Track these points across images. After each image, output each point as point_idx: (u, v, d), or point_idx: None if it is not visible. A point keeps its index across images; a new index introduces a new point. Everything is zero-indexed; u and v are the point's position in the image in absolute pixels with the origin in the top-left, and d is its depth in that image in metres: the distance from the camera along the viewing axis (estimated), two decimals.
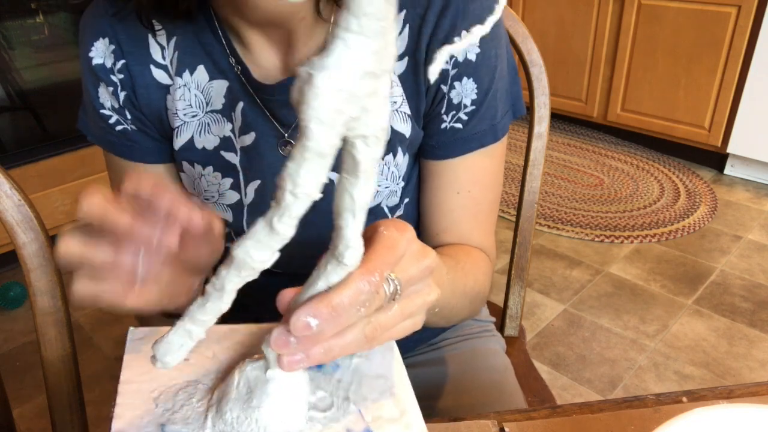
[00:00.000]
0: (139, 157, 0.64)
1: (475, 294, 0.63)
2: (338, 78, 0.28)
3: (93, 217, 0.36)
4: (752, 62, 2.37)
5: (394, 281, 0.37)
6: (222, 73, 0.60)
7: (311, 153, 0.30)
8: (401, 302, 0.38)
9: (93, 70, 0.61)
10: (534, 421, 0.49)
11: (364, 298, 0.35)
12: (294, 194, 0.31)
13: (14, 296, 1.90)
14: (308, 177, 0.31)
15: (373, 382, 0.45)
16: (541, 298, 1.93)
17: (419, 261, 0.39)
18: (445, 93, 0.60)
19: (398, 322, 0.39)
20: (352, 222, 0.34)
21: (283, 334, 0.35)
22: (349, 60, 0.28)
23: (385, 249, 0.36)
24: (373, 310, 0.37)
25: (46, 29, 2.10)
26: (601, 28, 2.77)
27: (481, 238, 0.66)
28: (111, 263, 0.38)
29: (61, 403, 0.72)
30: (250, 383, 0.39)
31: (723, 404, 0.44)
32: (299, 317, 0.34)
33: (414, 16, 0.58)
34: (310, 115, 0.29)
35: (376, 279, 0.35)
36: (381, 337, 0.38)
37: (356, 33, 0.27)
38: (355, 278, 0.35)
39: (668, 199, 2.49)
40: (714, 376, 1.61)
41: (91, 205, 0.36)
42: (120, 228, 0.37)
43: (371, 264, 0.35)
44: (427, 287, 0.41)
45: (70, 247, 0.37)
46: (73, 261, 0.37)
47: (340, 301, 0.34)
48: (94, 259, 0.37)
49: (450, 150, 0.62)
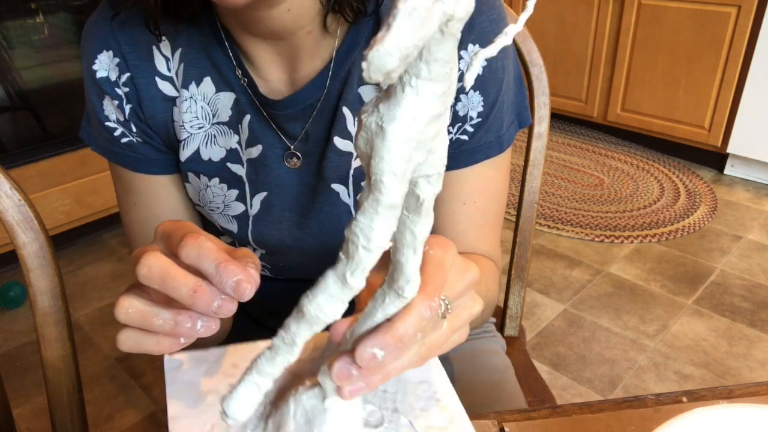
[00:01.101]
0: (145, 168, 0.64)
1: (487, 303, 0.63)
2: (409, 127, 0.27)
3: (154, 281, 0.36)
4: (752, 62, 2.37)
5: (444, 301, 0.37)
6: (228, 85, 0.59)
7: (383, 207, 0.29)
8: (450, 319, 0.39)
9: (97, 83, 0.60)
10: (534, 421, 0.49)
11: (425, 324, 0.35)
12: (367, 249, 0.31)
13: (14, 296, 1.90)
14: (381, 231, 0.30)
15: (417, 388, 0.45)
16: (541, 298, 1.93)
17: (463, 276, 0.39)
18: (452, 105, 0.60)
19: (448, 338, 0.39)
20: (413, 258, 0.33)
21: (345, 367, 0.35)
22: (419, 107, 0.27)
23: (437, 270, 0.36)
24: (428, 333, 0.37)
25: (46, 29, 2.10)
26: (601, 28, 2.77)
27: (487, 247, 0.66)
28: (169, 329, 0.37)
29: (61, 403, 0.72)
30: (308, 413, 0.39)
31: (723, 404, 0.44)
32: (366, 349, 0.34)
33: None
34: (383, 169, 0.28)
35: (436, 304, 0.36)
36: (432, 354, 0.38)
37: (426, 79, 0.26)
38: (417, 305, 0.35)
39: (668, 199, 2.49)
40: (714, 376, 1.61)
41: (149, 268, 0.36)
42: (182, 293, 0.36)
43: (428, 289, 0.35)
44: (471, 300, 0.41)
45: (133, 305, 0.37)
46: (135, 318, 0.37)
47: (405, 332, 0.34)
48: (152, 325, 0.37)
49: (456, 161, 0.62)
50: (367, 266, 0.32)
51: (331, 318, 0.34)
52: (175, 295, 0.36)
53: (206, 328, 0.38)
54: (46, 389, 0.71)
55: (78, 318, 1.86)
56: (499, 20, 0.59)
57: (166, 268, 0.36)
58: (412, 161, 0.28)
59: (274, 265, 0.68)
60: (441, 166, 0.30)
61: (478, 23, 0.57)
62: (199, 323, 0.37)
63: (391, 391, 0.44)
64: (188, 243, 0.37)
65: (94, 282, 2.04)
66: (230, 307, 0.36)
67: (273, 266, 0.68)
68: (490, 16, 0.58)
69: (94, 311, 1.91)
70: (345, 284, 0.32)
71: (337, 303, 0.33)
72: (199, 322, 0.37)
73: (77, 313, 1.88)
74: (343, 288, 0.33)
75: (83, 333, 1.81)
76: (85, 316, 1.88)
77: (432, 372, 0.46)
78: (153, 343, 0.38)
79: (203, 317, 0.37)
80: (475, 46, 0.58)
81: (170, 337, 0.38)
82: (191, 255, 0.36)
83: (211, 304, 0.36)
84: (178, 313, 0.37)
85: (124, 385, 1.63)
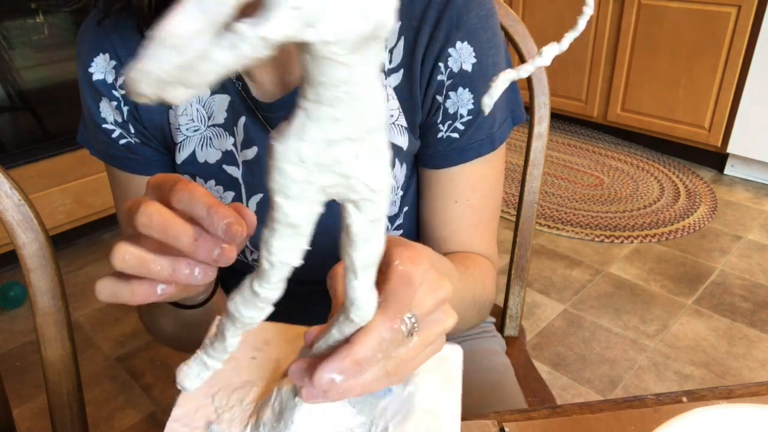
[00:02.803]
0: (143, 170, 0.64)
1: (484, 301, 0.63)
2: (298, 149, 0.27)
3: (154, 230, 0.36)
4: (752, 62, 2.37)
5: (410, 319, 0.37)
6: (223, 87, 0.59)
7: (281, 225, 0.29)
8: (421, 334, 0.38)
9: (94, 85, 0.60)
10: (534, 421, 0.49)
11: (386, 344, 0.35)
12: (270, 263, 0.31)
13: (14, 296, 1.90)
14: (281, 247, 0.30)
15: (421, 417, 0.43)
16: (541, 298, 1.93)
17: (435, 292, 0.38)
18: (441, 103, 0.60)
19: (420, 353, 0.39)
20: (354, 281, 0.33)
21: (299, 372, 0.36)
22: (311, 129, 0.26)
23: (403, 287, 0.36)
24: (391, 352, 0.37)
25: (46, 29, 2.10)
26: (601, 28, 2.77)
27: (482, 246, 0.66)
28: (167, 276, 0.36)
29: (61, 403, 0.72)
30: (282, 404, 0.40)
31: (723, 404, 0.44)
32: (323, 375, 0.34)
33: (409, 28, 0.58)
34: (274, 189, 0.28)
35: (397, 325, 0.35)
36: (404, 369, 0.38)
37: (314, 102, 0.25)
38: (377, 326, 0.35)
39: (668, 199, 2.49)
40: (714, 376, 1.61)
41: (150, 217, 0.35)
42: (183, 241, 0.35)
43: (390, 309, 0.35)
44: (443, 314, 0.40)
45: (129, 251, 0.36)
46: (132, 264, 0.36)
47: (364, 354, 0.34)
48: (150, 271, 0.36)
49: (447, 159, 0.62)
50: (273, 279, 0.32)
51: (249, 320, 0.34)
52: (177, 244, 0.35)
53: (204, 274, 0.37)
54: (46, 389, 0.71)
55: (78, 318, 1.86)
56: (488, 17, 0.59)
57: (166, 216, 0.36)
58: (313, 183, 0.28)
59: None
60: (368, 192, 0.29)
61: (467, 20, 0.57)
62: (197, 270, 0.37)
63: (391, 410, 0.43)
64: (180, 188, 0.36)
65: (94, 282, 2.04)
66: (230, 255, 0.36)
67: None
68: (479, 12, 0.58)
69: (94, 311, 1.90)
70: (255, 293, 0.33)
71: (253, 308, 0.33)
72: (197, 269, 0.37)
73: (77, 313, 1.88)
74: (254, 296, 0.33)
75: (83, 333, 1.81)
76: (85, 316, 1.88)
77: (442, 405, 0.44)
78: (128, 293, 0.37)
79: (201, 265, 0.37)
80: (464, 44, 0.58)
81: (146, 285, 0.37)
82: (183, 199, 0.36)
83: (212, 252, 0.36)
84: (177, 260, 0.36)
85: (124, 385, 1.63)
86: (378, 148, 0.28)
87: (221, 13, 0.21)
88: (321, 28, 0.22)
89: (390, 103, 0.59)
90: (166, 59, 0.21)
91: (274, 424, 0.40)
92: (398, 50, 0.58)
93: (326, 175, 0.28)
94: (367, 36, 0.23)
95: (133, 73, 0.22)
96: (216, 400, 0.44)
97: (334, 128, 0.26)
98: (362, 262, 0.32)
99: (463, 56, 0.58)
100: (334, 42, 0.23)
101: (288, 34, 0.22)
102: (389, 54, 0.58)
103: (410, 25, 0.57)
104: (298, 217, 0.29)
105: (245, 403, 0.44)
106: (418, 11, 0.57)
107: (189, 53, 0.21)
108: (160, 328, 0.62)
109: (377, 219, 0.31)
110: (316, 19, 0.22)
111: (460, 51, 0.58)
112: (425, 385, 0.45)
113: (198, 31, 0.21)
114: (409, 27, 0.58)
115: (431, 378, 0.45)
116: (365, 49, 0.24)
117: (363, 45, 0.24)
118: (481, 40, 0.58)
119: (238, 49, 0.21)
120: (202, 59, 0.21)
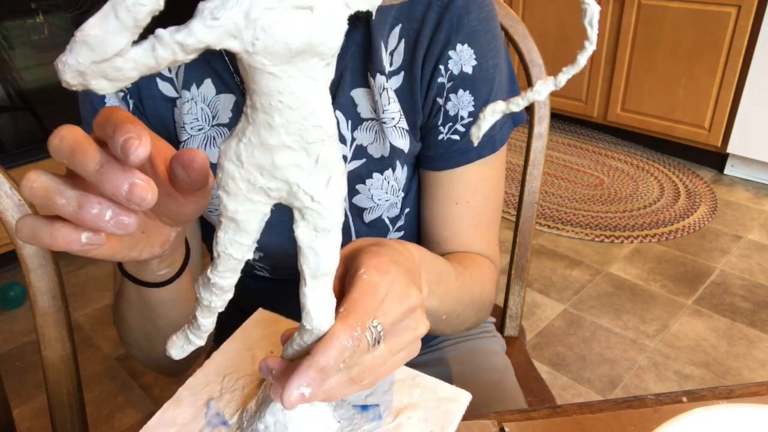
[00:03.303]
0: None
1: (482, 302, 0.63)
2: (237, 149, 0.29)
3: (63, 153, 0.30)
4: (752, 62, 2.37)
5: (375, 328, 0.37)
6: (228, 87, 0.59)
7: (224, 218, 0.31)
8: (389, 342, 0.38)
9: None
10: (534, 421, 0.49)
11: (347, 353, 0.35)
12: (216, 251, 0.33)
13: (14, 296, 1.90)
14: (224, 238, 0.32)
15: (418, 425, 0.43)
16: (541, 298, 1.93)
17: (402, 302, 0.38)
18: (441, 105, 0.60)
19: (387, 360, 0.38)
20: (305, 288, 0.34)
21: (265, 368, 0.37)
22: (249, 133, 0.28)
23: (366, 296, 0.36)
24: (356, 360, 0.36)
25: (46, 29, 2.10)
26: (601, 28, 2.77)
27: (484, 247, 0.66)
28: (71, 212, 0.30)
29: (61, 403, 0.72)
30: (259, 399, 0.41)
31: (723, 404, 0.44)
32: (292, 392, 0.33)
33: (409, 31, 0.58)
34: (217, 183, 0.30)
35: (358, 333, 0.35)
36: (372, 376, 0.38)
37: (251, 107, 0.27)
38: (338, 335, 0.34)
39: (668, 199, 2.49)
40: (714, 376, 1.61)
41: (62, 139, 0.30)
42: (89, 168, 0.29)
43: (352, 318, 0.35)
44: (414, 321, 0.40)
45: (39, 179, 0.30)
46: (39, 194, 0.31)
47: (327, 363, 0.34)
48: (54, 205, 0.30)
49: (448, 161, 0.62)
50: (220, 268, 0.33)
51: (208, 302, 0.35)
52: (81, 170, 0.30)
53: (117, 221, 0.30)
54: (46, 389, 0.71)
55: (78, 318, 1.86)
56: (489, 19, 0.59)
57: (78, 138, 0.30)
58: (253, 184, 0.29)
59: (273, 266, 0.68)
60: (310, 201, 0.30)
61: (467, 22, 0.57)
62: (108, 213, 0.30)
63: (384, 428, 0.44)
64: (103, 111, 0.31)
65: (94, 282, 2.04)
66: (143, 195, 0.29)
67: (272, 268, 0.68)
68: (479, 14, 0.58)
69: (94, 311, 1.91)
70: (209, 280, 0.34)
71: (209, 292, 0.35)
72: (108, 212, 0.30)
73: (77, 313, 1.88)
74: (208, 281, 0.34)
75: (83, 333, 1.81)
76: (85, 316, 1.88)
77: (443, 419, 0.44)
78: (47, 234, 0.31)
79: (114, 207, 0.30)
80: (464, 46, 0.58)
81: (69, 227, 0.31)
82: (99, 121, 0.31)
83: (120, 186, 0.28)
84: (85, 195, 0.30)
85: (124, 385, 1.63)
86: (322, 160, 0.29)
87: (132, 18, 0.22)
88: (244, 39, 0.24)
89: (391, 106, 0.59)
90: (84, 55, 0.23)
91: (253, 415, 0.42)
92: (399, 53, 0.58)
93: (267, 179, 0.29)
94: (298, 50, 0.25)
95: (58, 63, 0.24)
96: (225, 380, 0.47)
97: (269, 134, 0.28)
98: (311, 270, 0.33)
99: (463, 58, 0.58)
100: (258, 53, 0.24)
101: (206, 41, 0.23)
102: (390, 57, 0.58)
103: (411, 28, 0.57)
104: (238, 213, 0.31)
105: (245, 391, 0.46)
106: (419, 14, 0.57)
107: (104, 51, 0.23)
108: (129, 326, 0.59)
109: (324, 230, 0.32)
110: (239, 30, 0.23)
111: (461, 53, 0.58)
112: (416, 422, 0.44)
113: (111, 32, 0.23)
114: (409, 29, 0.58)
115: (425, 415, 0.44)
116: (301, 63, 0.25)
117: (297, 58, 0.25)
118: (482, 42, 0.58)
119: (156, 51, 0.23)
120: (121, 57, 0.23)
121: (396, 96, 0.59)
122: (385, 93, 0.58)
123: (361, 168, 0.61)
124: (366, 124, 0.60)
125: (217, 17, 0.23)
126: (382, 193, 0.63)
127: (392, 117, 0.59)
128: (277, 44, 0.24)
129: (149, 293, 0.50)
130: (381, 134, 0.60)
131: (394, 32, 0.58)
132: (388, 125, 0.59)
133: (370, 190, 0.63)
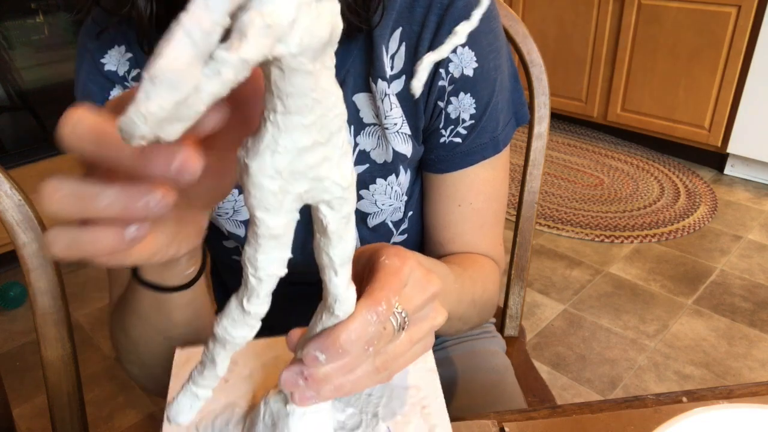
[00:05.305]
0: None
1: (484, 302, 0.62)
2: (273, 162, 0.27)
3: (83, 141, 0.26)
4: (752, 62, 2.37)
5: (401, 314, 0.37)
6: None
7: (263, 239, 0.30)
8: (409, 330, 0.38)
9: (106, 75, 0.59)
10: (534, 421, 0.49)
11: (372, 330, 0.35)
12: (257, 277, 0.31)
13: (14, 296, 1.90)
14: (266, 260, 0.30)
15: (404, 394, 0.44)
16: (541, 298, 1.93)
17: (424, 289, 0.38)
18: (442, 108, 0.60)
19: (408, 349, 0.39)
20: (335, 278, 0.34)
21: (291, 376, 0.36)
22: (283, 141, 0.27)
23: (390, 276, 0.36)
24: (381, 346, 0.36)
25: (46, 29, 2.10)
26: (601, 28, 2.77)
27: (488, 248, 0.66)
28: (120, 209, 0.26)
29: (61, 403, 0.72)
30: (274, 416, 0.40)
31: (723, 404, 0.44)
32: (309, 351, 0.34)
33: (410, 34, 0.57)
34: (253, 204, 0.28)
35: (383, 308, 0.35)
36: (393, 366, 0.38)
37: (283, 113, 0.26)
38: (362, 310, 0.34)
39: (668, 199, 2.49)
40: (714, 376, 1.61)
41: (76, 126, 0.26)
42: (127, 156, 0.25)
43: (377, 294, 0.35)
44: (433, 311, 0.40)
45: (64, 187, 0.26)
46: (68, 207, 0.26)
47: (348, 337, 0.34)
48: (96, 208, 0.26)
49: (450, 164, 0.62)
50: (262, 293, 0.32)
51: (242, 340, 0.34)
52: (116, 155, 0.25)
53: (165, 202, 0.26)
54: (46, 389, 0.71)
55: (78, 318, 1.86)
56: (490, 20, 0.58)
57: (98, 121, 0.26)
58: (289, 192, 0.28)
59: None
60: (340, 190, 0.30)
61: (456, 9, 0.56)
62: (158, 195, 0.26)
63: (376, 395, 0.44)
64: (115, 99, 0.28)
65: (94, 282, 2.04)
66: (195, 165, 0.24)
67: None
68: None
69: (94, 311, 1.91)
70: (244, 311, 0.33)
71: (243, 327, 0.33)
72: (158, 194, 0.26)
73: (77, 313, 1.88)
74: (244, 314, 0.33)
75: (83, 333, 1.81)
76: (85, 316, 1.88)
77: (423, 377, 0.46)
78: (90, 241, 0.27)
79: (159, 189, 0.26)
80: (464, 48, 0.57)
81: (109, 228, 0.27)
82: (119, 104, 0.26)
83: (169, 162, 0.24)
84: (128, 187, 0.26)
85: (124, 385, 1.63)
86: (344, 147, 0.29)
87: (210, 42, 0.20)
88: (290, 42, 0.23)
89: (393, 112, 0.59)
90: (164, 97, 0.20)
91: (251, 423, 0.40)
92: (400, 56, 0.58)
93: (301, 182, 0.28)
94: (326, 42, 0.24)
95: (131, 116, 0.21)
96: (200, 430, 0.43)
97: (304, 136, 0.27)
98: (340, 258, 0.33)
99: (464, 61, 0.58)
100: (301, 53, 0.24)
101: (264, 52, 0.22)
102: (391, 60, 0.58)
103: (411, 31, 0.57)
104: (279, 227, 0.29)
105: (231, 425, 0.43)
106: (419, 16, 0.57)
107: (184, 88, 0.21)
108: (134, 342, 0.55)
109: (348, 214, 0.32)
110: (284, 33, 0.22)
111: (461, 56, 0.58)
112: None
113: (190, 63, 0.20)
114: (410, 33, 0.57)
115: None
116: (323, 55, 0.25)
117: (322, 52, 0.25)
118: (482, 44, 0.58)
119: (222, 75, 0.21)
120: (195, 92, 0.21)
121: (398, 100, 0.59)
122: (386, 99, 0.58)
123: (365, 174, 0.61)
124: (368, 129, 0.60)
125: (271, 24, 0.21)
126: (385, 198, 0.63)
127: (394, 123, 0.59)
128: (313, 40, 0.23)
129: (169, 300, 0.48)
130: (384, 139, 0.60)
131: (395, 35, 0.57)
132: (391, 131, 0.59)
133: (374, 196, 0.63)
